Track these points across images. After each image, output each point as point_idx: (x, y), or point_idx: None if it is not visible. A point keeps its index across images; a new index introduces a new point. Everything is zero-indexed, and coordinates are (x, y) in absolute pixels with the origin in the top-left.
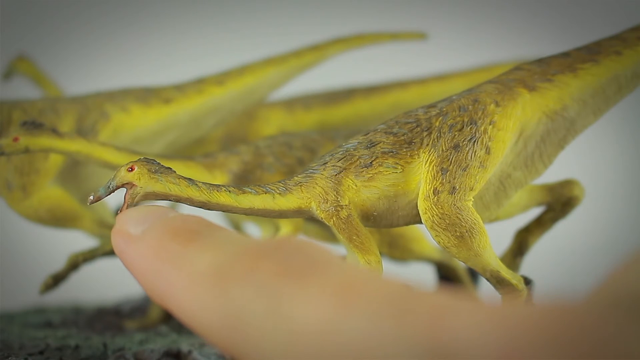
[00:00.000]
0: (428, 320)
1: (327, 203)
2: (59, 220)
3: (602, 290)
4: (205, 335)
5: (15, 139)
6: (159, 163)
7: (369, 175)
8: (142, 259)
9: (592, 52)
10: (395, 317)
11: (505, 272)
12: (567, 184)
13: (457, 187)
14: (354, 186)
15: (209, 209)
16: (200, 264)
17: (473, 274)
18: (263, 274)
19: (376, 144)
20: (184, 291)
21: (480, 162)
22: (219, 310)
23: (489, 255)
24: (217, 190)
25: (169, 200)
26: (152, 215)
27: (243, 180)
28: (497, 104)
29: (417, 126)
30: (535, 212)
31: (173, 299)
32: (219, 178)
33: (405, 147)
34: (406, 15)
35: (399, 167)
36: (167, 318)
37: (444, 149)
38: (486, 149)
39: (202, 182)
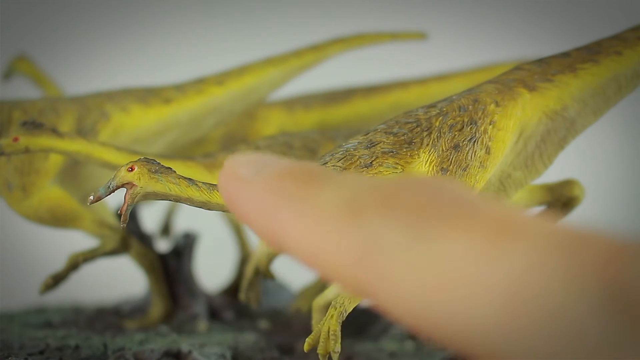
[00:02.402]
0: (604, 262)
1: None
2: (59, 220)
3: None
4: (329, 275)
5: (15, 139)
6: (159, 163)
7: (369, 175)
8: (256, 201)
9: (592, 52)
10: (561, 258)
11: None
12: (567, 184)
13: None
14: None
15: (209, 209)
16: (325, 201)
17: None
18: (401, 208)
19: (376, 144)
20: (307, 229)
21: (480, 162)
22: (350, 246)
23: None
24: (218, 190)
25: (169, 200)
26: (263, 159)
27: None
28: (497, 104)
29: (417, 126)
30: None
31: (292, 238)
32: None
33: (406, 147)
34: (406, 15)
35: (399, 167)
36: (167, 318)
37: (444, 149)
38: (486, 149)
39: (202, 182)
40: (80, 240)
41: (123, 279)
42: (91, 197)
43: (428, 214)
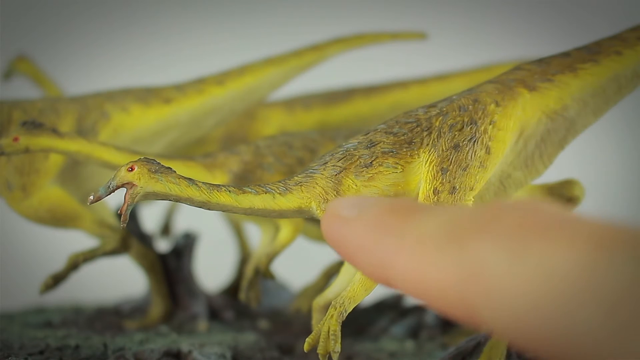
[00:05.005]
0: None
1: (327, 203)
2: (59, 220)
3: None
4: (433, 299)
5: (15, 139)
6: (159, 163)
7: (369, 175)
8: (360, 237)
9: (592, 52)
10: None
11: None
12: (567, 184)
13: (457, 187)
14: (354, 186)
15: (209, 209)
16: (425, 230)
17: None
18: (500, 230)
19: (376, 144)
20: (410, 256)
21: (481, 162)
22: (454, 267)
23: None
24: (217, 190)
25: (169, 200)
26: (364, 200)
27: (243, 180)
28: (497, 104)
29: (417, 126)
30: None
31: (397, 267)
32: (219, 178)
33: (406, 147)
34: (406, 15)
35: (399, 167)
36: (167, 318)
37: (444, 148)
38: (486, 149)
39: (202, 182)
40: (80, 240)
41: (123, 279)
42: (91, 197)
43: (527, 233)
